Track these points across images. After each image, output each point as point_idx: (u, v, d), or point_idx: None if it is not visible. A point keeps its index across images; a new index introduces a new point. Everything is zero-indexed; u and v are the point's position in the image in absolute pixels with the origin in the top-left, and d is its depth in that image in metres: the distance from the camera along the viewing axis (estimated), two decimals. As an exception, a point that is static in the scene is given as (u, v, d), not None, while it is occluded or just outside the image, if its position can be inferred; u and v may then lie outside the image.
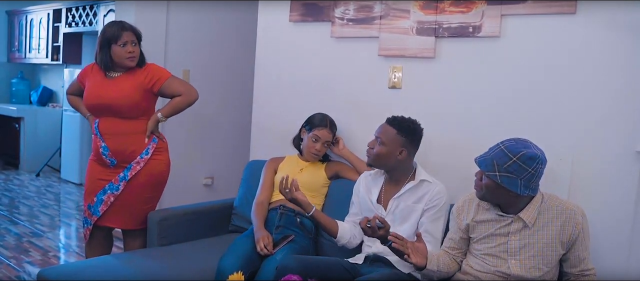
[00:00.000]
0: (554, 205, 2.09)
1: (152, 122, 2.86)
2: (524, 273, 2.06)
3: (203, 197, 4.29)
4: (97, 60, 2.84)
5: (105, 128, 2.81)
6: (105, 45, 2.78)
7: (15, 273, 3.60)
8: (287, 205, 2.76)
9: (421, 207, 2.42)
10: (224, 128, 4.50)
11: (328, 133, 2.87)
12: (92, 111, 2.88)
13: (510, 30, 2.47)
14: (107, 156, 2.82)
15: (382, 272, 2.31)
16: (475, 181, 2.12)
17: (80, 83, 2.95)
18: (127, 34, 2.78)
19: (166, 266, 2.56)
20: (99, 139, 2.82)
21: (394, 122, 2.46)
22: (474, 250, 2.20)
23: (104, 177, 2.86)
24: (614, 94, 2.23)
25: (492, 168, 2.00)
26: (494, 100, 2.54)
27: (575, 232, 2.04)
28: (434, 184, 2.44)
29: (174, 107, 2.89)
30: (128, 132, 2.82)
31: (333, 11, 3.05)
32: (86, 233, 2.95)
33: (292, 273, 2.02)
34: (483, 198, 2.13)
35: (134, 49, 2.81)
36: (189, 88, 2.92)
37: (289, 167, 2.93)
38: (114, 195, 2.84)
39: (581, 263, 2.07)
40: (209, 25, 4.31)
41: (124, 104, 2.78)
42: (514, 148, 2.00)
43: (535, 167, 1.99)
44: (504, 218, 2.11)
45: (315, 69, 3.19)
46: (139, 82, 2.82)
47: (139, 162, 2.84)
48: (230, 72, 4.45)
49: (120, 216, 2.89)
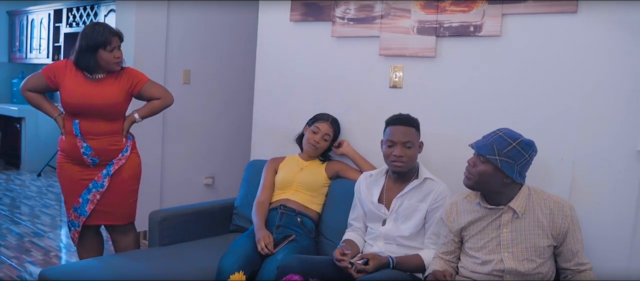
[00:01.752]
0: (542, 197, 2.12)
1: (128, 123, 2.93)
2: (518, 265, 2.07)
3: (204, 196, 4.30)
4: (77, 61, 2.79)
5: (87, 129, 2.80)
6: (92, 48, 2.74)
7: (17, 273, 3.60)
8: (288, 205, 2.76)
9: (425, 206, 2.41)
10: (225, 128, 4.50)
11: (328, 127, 2.89)
12: (71, 111, 2.82)
13: (511, 29, 2.47)
14: (89, 156, 2.83)
15: (384, 272, 2.31)
16: (467, 168, 2.13)
17: (49, 81, 2.84)
18: (115, 39, 2.78)
19: (167, 266, 2.56)
20: (80, 140, 2.81)
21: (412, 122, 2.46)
22: (467, 248, 2.20)
23: (85, 177, 2.87)
24: (615, 94, 2.23)
25: (492, 152, 2.04)
26: (495, 100, 2.53)
27: (565, 224, 2.06)
28: (437, 183, 2.44)
29: (151, 109, 2.97)
30: (109, 133, 2.85)
31: (334, 11, 3.05)
32: (75, 236, 2.95)
33: (294, 273, 2.02)
34: (473, 187, 2.14)
35: (120, 53, 2.82)
36: (167, 92, 3.00)
37: (290, 166, 2.93)
38: (99, 193, 2.86)
39: (575, 256, 2.08)
40: (210, 25, 4.31)
41: (110, 106, 2.81)
42: (512, 134, 2.08)
43: (531, 153, 2.07)
44: (494, 210, 2.12)
45: (316, 69, 3.19)
46: (122, 86, 2.85)
47: (121, 159, 2.89)
48: (231, 72, 4.45)
49: (108, 214, 2.92)
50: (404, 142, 2.39)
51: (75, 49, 2.81)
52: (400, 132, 2.40)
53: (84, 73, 2.82)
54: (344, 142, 2.94)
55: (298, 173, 2.85)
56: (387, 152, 2.43)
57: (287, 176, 2.88)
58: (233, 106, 4.48)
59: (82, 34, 2.79)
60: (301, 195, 2.82)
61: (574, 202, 2.26)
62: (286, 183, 2.87)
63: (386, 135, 2.45)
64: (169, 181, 4.23)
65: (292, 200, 2.81)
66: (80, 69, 2.81)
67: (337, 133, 2.95)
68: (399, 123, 2.42)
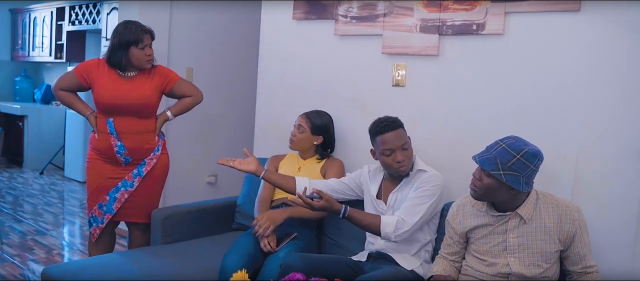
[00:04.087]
0: (550, 202, 2.09)
1: (161, 121, 2.96)
2: (524, 270, 2.06)
3: (207, 194, 4.31)
4: (109, 59, 2.83)
5: (122, 127, 2.83)
6: (124, 46, 2.78)
7: (20, 271, 3.61)
8: (289, 201, 2.74)
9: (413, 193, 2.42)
10: (228, 126, 4.50)
11: (303, 118, 2.89)
12: (105, 109, 2.85)
13: (514, 27, 2.47)
14: (122, 155, 2.86)
15: (385, 269, 2.31)
16: (472, 180, 2.09)
17: (81, 80, 2.87)
18: (146, 36, 2.81)
19: (170, 264, 2.57)
20: (115, 138, 2.83)
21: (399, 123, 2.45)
22: (472, 250, 2.19)
23: (115, 175, 2.89)
24: (618, 92, 2.22)
25: (496, 167, 1.99)
26: (498, 98, 2.53)
27: (573, 229, 2.04)
28: (429, 172, 2.44)
29: (183, 107, 3.01)
30: (143, 131, 2.88)
31: (336, 9, 3.05)
32: (95, 232, 2.96)
33: (296, 271, 2.02)
34: (480, 199, 2.11)
35: (151, 51, 2.86)
36: (197, 90, 3.05)
37: (289, 165, 2.94)
38: (128, 192, 2.90)
39: (582, 260, 2.06)
40: (212, 23, 4.31)
41: (144, 104, 2.85)
42: (516, 145, 2.00)
43: (536, 163, 2.00)
44: (501, 216, 2.10)
45: (318, 67, 3.19)
46: (154, 83, 2.88)
47: (153, 159, 2.93)
48: (233, 70, 4.45)
49: (133, 211, 2.95)
50: (401, 145, 2.39)
51: (108, 47, 2.85)
52: (393, 137, 2.39)
53: (116, 71, 2.84)
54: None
55: (296, 173, 2.83)
56: (388, 161, 2.40)
57: (286, 173, 2.85)
58: (236, 104, 4.48)
59: (114, 31, 2.83)
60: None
61: (576, 201, 2.26)
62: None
63: (380, 145, 2.41)
64: (172, 179, 4.19)
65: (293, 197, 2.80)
66: (112, 66, 2.84)
67: (317, 126, 2.87)
68: (388, 129, 2.40)
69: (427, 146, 2.69)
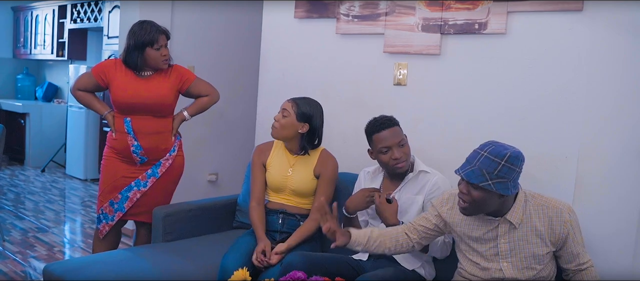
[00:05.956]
0: (539, 203, 2.04)
1: (179, 121, 2.98)
2: (518, 274, 2.04)
3: (207, 193, 4.31)
4: (125, 59, 2.84)
5: (139, 127, 2.84)
6: (139, 47, 2.78)
7: (21, 268, 3.61)
8: (288, 210, 2.69)
9: (421, 198, 2.41)
10: (229, 124, 4.50)
11: (289, 103, 2.68)
12: (122, 109, 2.86)
13: (516, 27, 2.46)
14: (138, 154, 2.87)
15: (386, 269, 2.31)
16: (460, 196, 2.02)
17: (99, 80, 2.88)
18: (162, 37, 2.82)
19: (170, 262, 2.57)
20: (132, 138, 2.84)
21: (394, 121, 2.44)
22: (466, 253, 2.16)
23: (129, 175, 2.91)
24: (620, 92, 2.22)
25: (484, 178, 1.92)
26: (500, 98, 2.53)
27: (565, 231, 2.00)
28: (432, 174, 2.42)
29: (200, 107, 3.02)
30: (160, 131, 2.90)
31: (338, 8, 3.04)
32: (104, 228, 2.97)
33: (297, 270, 2.02)
34: (472, 214, 2.05)
35: (167, 51, 2.86)
36: (213, 89, 3.05)
37: (278, 164, 2.74)
38: (140, 192, 2.92)
39: (576, 258, 2.04)
40: (214, 22, 4.31)
41: (161, 103, 2.86)
42: (497, 151, 1.93)
43: (520, 165, 1.95)
44: (491, 220, 2.06)
45: (320, 66, 3.18)
46: (171, 83, 2.89)
47: (168, 159, 2.94)
48: (235, 69, 4.45)
49: (144, 211, 2.96)
50: (397, 142, 2.38)
51: (124, 47, 2.86)
52: (389, 135, 2.38)
53: (133, 71, 2.85)
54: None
55: (288, 178, 2.70)
56: (385, 159, 2.39)
57: (276, 178, 2.71)
58: (237, 102, 4.48)
59: (130, 32, 2.83)
60: (296, 199, 2.72)
61: (577, 200, 2.26)
62: (277, 187, 2.72)
63: (376, 143, 2.40)
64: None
65: (290, 205, 2.71)
66: (129, 67, 2.85)
67: (304, 112, 2.65)
68: (384, 127, 2.38)
69: (428, 145, 2.69)
